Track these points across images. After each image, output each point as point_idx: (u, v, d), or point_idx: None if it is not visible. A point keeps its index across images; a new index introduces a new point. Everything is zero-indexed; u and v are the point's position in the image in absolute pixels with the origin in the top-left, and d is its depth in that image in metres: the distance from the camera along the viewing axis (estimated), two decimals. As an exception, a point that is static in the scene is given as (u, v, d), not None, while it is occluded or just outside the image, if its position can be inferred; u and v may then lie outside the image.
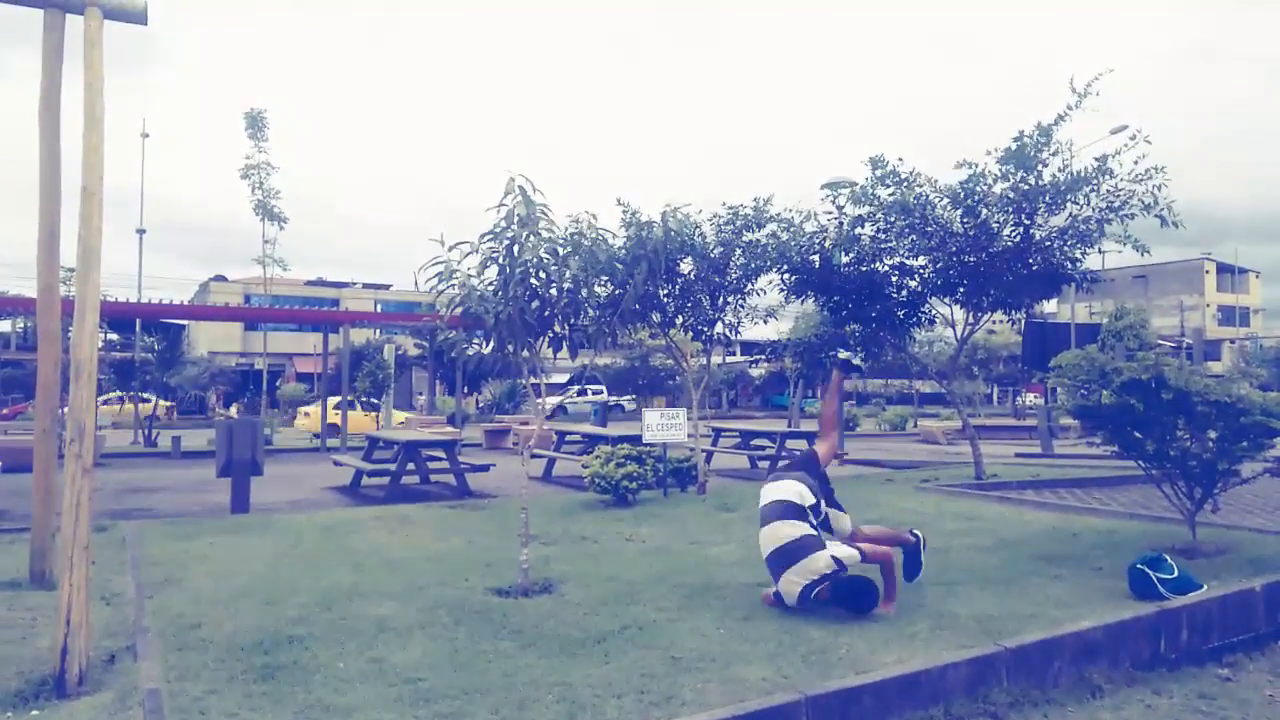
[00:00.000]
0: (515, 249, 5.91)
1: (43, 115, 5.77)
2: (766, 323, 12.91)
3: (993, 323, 14.42)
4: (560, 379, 36.55)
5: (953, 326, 13.54)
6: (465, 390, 35.47)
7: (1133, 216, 10.66)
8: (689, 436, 11.50)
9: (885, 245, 12.02)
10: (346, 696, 3.89)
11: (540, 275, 6.04)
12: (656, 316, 11.75)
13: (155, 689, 3.91)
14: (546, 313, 6.19)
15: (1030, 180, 10.84)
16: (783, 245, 11.60)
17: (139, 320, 28.39)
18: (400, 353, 37.72)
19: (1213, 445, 6.77)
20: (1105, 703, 4.43)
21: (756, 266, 11.55)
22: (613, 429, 17.49)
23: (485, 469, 12.99)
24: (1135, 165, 10.52)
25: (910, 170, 11.44)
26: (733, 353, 50.34)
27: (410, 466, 12.40)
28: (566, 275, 6.08)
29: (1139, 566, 5.59)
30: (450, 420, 25.89)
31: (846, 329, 13.54)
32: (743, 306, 12.06)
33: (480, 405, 43.50)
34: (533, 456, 7.65)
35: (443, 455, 12.80)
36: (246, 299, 48.01)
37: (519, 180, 5.87)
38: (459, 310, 6.15)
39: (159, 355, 25.05)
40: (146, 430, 23.69)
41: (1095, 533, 7.89)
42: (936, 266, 11.99)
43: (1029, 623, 4.94)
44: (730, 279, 11.52)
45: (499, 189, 5.82)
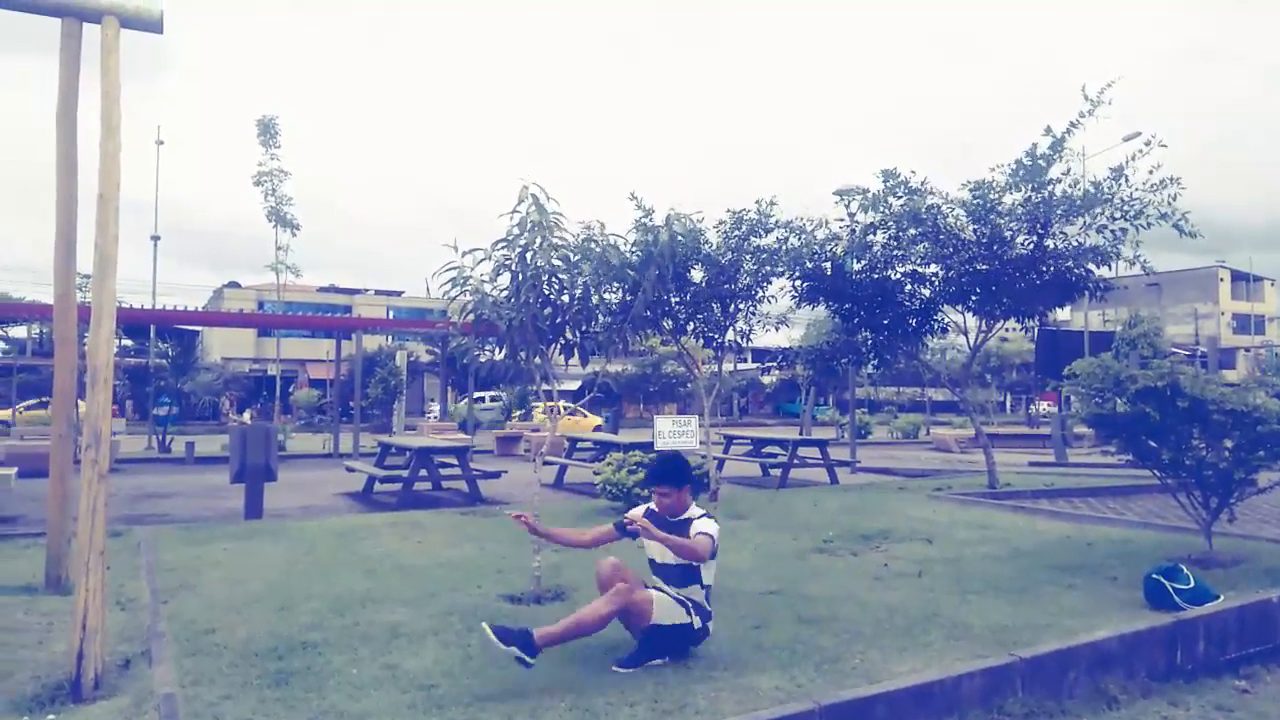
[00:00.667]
0: (528, 255, 5.92)
1: (60, 122, 5.81)
2: (778, 330, 12.89)
3: (1005, 330, 14.37)
4: (571, 386, 36.59)
5: (965, 334, 13.51)
6: (477, 397, 35.52)
7: (1149, 225, 10.64)
8: (700, 444, 11.48)
9: (897, 253, 12.00)
10: (360, 702, 3.89)
11: (552, 282, 6.06)
12: (668, 323, 11.75)
13: (170, 694, 3.92)
14: (558, 319, 6.21)
15: (1044, 193, 10.83)
16: (794, 251, 11.59)
17: (153, 326, 28.57)
18: (412, 359, 37.85)
19: (1229, 454, 6.72)
20: (1121, 714, 4.39)
21: (767, 272, 11.54)
22: (624, 436, 17.49)
23: (497, 475, 13.00)
24: (1150, 174, 10.49)
25: (921, 180, 11.45)
26: (744, 360, 50.36)
27: (422, 473, 12.42)
28: (578, 282, 6.10)
29: (1154, 577, 5.55)
30: (462, 427, 25.94)
31: (858, 336, 13.52)
32: (754, 313, 12.05)
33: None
34: (545, 464, 7.66)
35: (455, 462, 12.82)
36: (260, 305, 48.27)
37: (532, 188, 5.89)
38: (471, 317, 6.17)
39: (173, 361, 25.21)
40: (160, 436, 23.81)
41: (1110, 542, 7.84)
42: (949, 274, 11.97)
43: (1044, 633, 4.91)
44: (741, 285, 11.51)
45: (503, 190, 5.97)
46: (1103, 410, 7.33)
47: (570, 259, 6.10)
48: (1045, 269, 11.38)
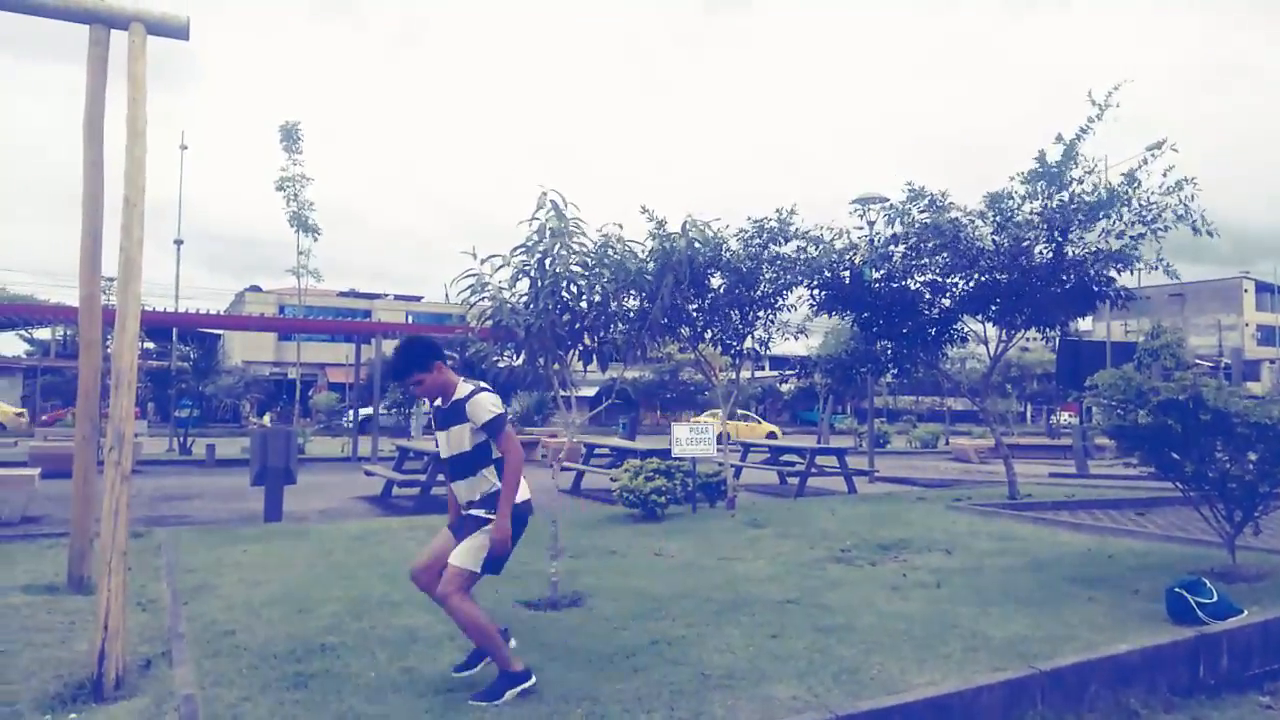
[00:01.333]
0: (547, 262, 5.95)
1: (87, 128, 5.88)
2: (797, 339, 12.87)
3: (1026, 340, 14.27)
4: (589, 392, 36.60)
5: (985, 344, 13.43)
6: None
7: (1166, 229, 10.55)
8: (718, 451, 11.47)
9: (917, 262, 11.96)
10: (378, 705, 3.91)
11: (571, 288, 6.08)
12: (685, 330, 11.76)
13: (190, 694, 3.95)
14: (577, 325, 6.23)
15: (1061, 197, 10.78)
16: (813, 260, 11.58)
17: (176, 329, 28.84)
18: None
19: (1253, 467, 6.64)
20: (1142, 728, 4.35)
21: (786, 281, 11.53)
22: (641, 443, 17.49)
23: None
24: (1164, 177, 10.43)
25: (942, 193, 11.42)
26: (762, 367, 50.21)
27: (440, 477, 12.45)
28: (596, 288, 6.12)
29: (1177, 590, 5.49)
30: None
31: (877, 345, 13.47)
32: (772, 321, 12.04)
33: (509, 417, 43.63)
34: (562, 469, 7.67)
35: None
36: (281, 309, 48.64)
37: (551, 194, 5.91)
38: (490, 323, 6.20)
39: (195, 364, 25.44)
40: (181, 438, 24.02)
41: (1132, 555, 7.76)
42: (969, 284, 11.91)
43: (1064, 645, 4.87)
44: (760, 293, 11.50)
45: (522, 197, 5.90)
46: (1125, 422, 7.26)
47: (588, 265, 6.12)
48: (1066, 278, 11.30)
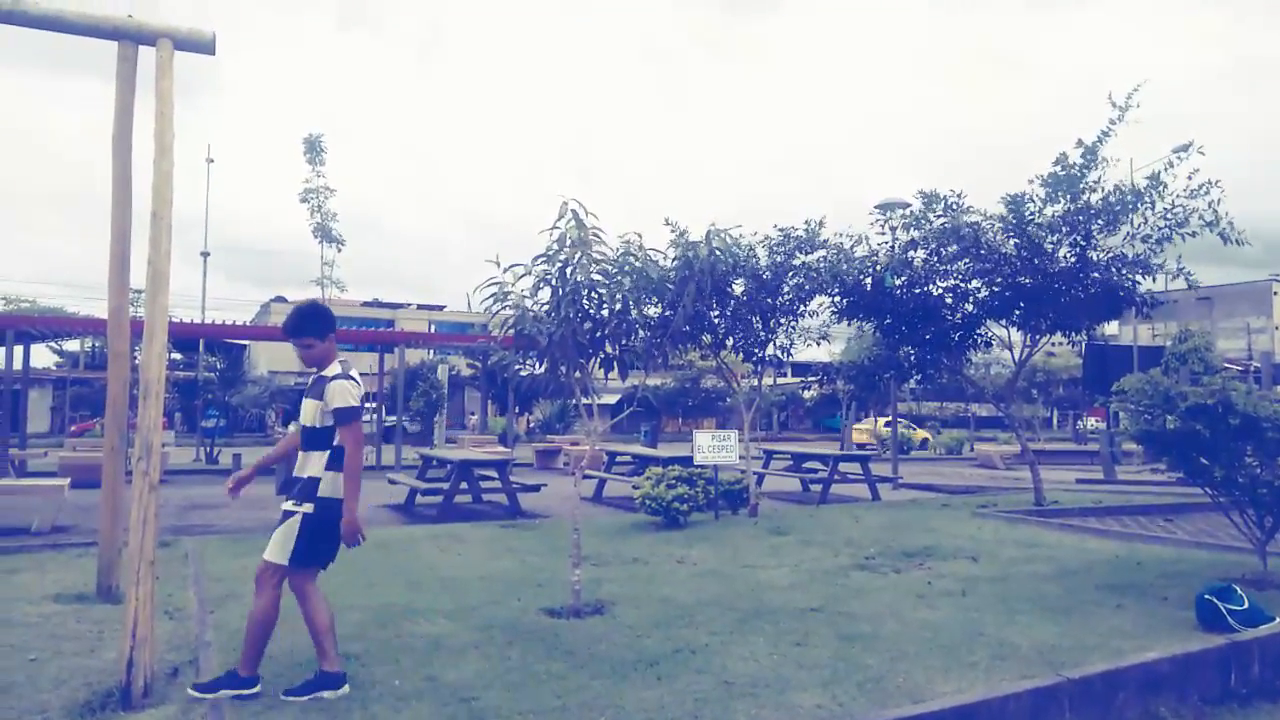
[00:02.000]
0: (568, 270, 5.96)
1: (115, 142, 5.96)
2: (819, 345, 12.83)
3: (1052, 345, 14.15)
4: (610, 400, 36.64)
5: (1010, 349, 13.33)
6: (517, 410, 35.71)
7: (1194, 234, 10.44)
8: (740, 459, 11.44)
9: (939, 268, 11.90)
10: (402, 714, 3.92)
11: (592, 296, 6.09)
12: (707, 338, 11.75)
13: (217, 702, 3.98)
14: (598, 333, 6.23)
15: (1081, 201, 10.70)
16: (835, 267, 11.54)
17: (202, 340, 29.12)
18: (454, 373, 38.14)
19: (1285, 472, 6.55)
20: (1173, 738, 4.30)
21: (809, 289, 11.50)
22: (663, 450, 17.47)
23: (536, 489, 13.05)
24: (1190, 180, 10.32)
25: (959, 195, 11.36)
26: (784, 374, 50.05)
27: (463, 486, 12.51)
28: (618, 296, 6.12)
29: (1207, 597, 5.42)
30: (502, 440, 26.08)
31: (900, 351, 13.39)
32: (794, 328, 12.01)
33: (531, 425, 43.74)
34: (584, 477, 7.67)
35: (495, 475, 12.90)
36: (305, 319, 48.82)
37: (572, 204, 5.93)
38: (512, 331, 6.22)
39: (221, 374, 25.69)
40: (208, 448, 24.24)
41: (1160, 562, 7.67)
42: (992, 289, 11.83)
43: (1092, 653, 4.82)
44: (782, 301, 11.48)
45: (544, 207, 5.92)
46: (1152, 427, 7.19)
47: (610, 273, 6.13)
48: (1089, 282, 11.21)
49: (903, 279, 11.96)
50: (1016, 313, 12.03)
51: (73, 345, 44.33)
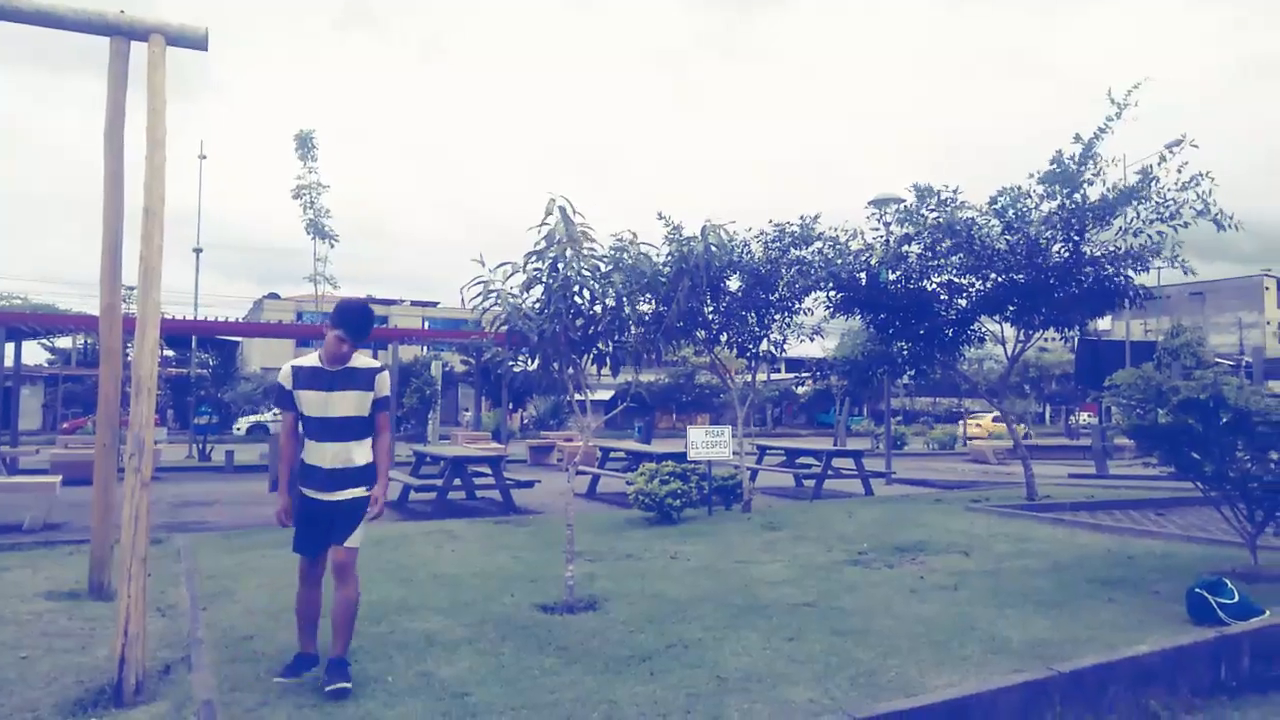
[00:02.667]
0: (559, 267, 5.96)
1: (107, 138, 5.95)
2: (813, 340, 12.84)
3: (1045, 340, 14.18)
4: (604, 396, 36.63)
5: (1003, 344, 13.35)
6: (510, 407, 35.70)
7: (1186, 225, 10.47)
8: (734, 454, 11.45)
9: (933, 263, 11.92)
10: (395, 709, 3.93)
11: (584, 293, 6.09)
12: (701, 334, 11.75)
13: (209, 700, 3.98)
14: (590, 330, 6.23)
15: (1077, 198, 10.72)
16: (829, 262, 11.55)
17: (195, 337, 29.02)
18: (447, 369, 38.10)
19: (1275, 466, 6.59)
20: (1163, 731, 4.32)
21: (804, 284, 11.51)
22: (657, 446, 17.48)
23: (530, 485, 13.04)
24: (1180, 173, 10.36)
25: (953, 191, 11.38)
26: (778, 370, 50.10)
27: (456, 482, 12.50)
28: (610, 292, 6.12)
29: (1198, 591, 5.45)
30: (495, 436, 26.08)
31: (894, 346, 13.41)
32: (789, 324, 12.01)
33: (525, 421, 43.74)
34: (578, 473, 7.68)
35: (488, 471, 12.89)
36: (299, 316, 48.87)
37: (559, 201, 5.93)
38: (503, 328, 6.22)
39: (214, 371, 25.62)
40: (200, 445, 24.18)
41: (1152, 556, 7.71)
42: (985, 285, 11.86)
43: (1083, 647, 4.84)
44: (777, 296, 11.48)
45: (539, 203, 5.88)
46: (1144, 421, 7.22)
47: (601, 270, 6.13)
48: (1083, 277, 11.24)
49: (897, 273, 11.98)
50: (1010, 308, 12.05)
51: (64, 342, 44.16)
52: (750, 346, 11.93)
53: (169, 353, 37.74)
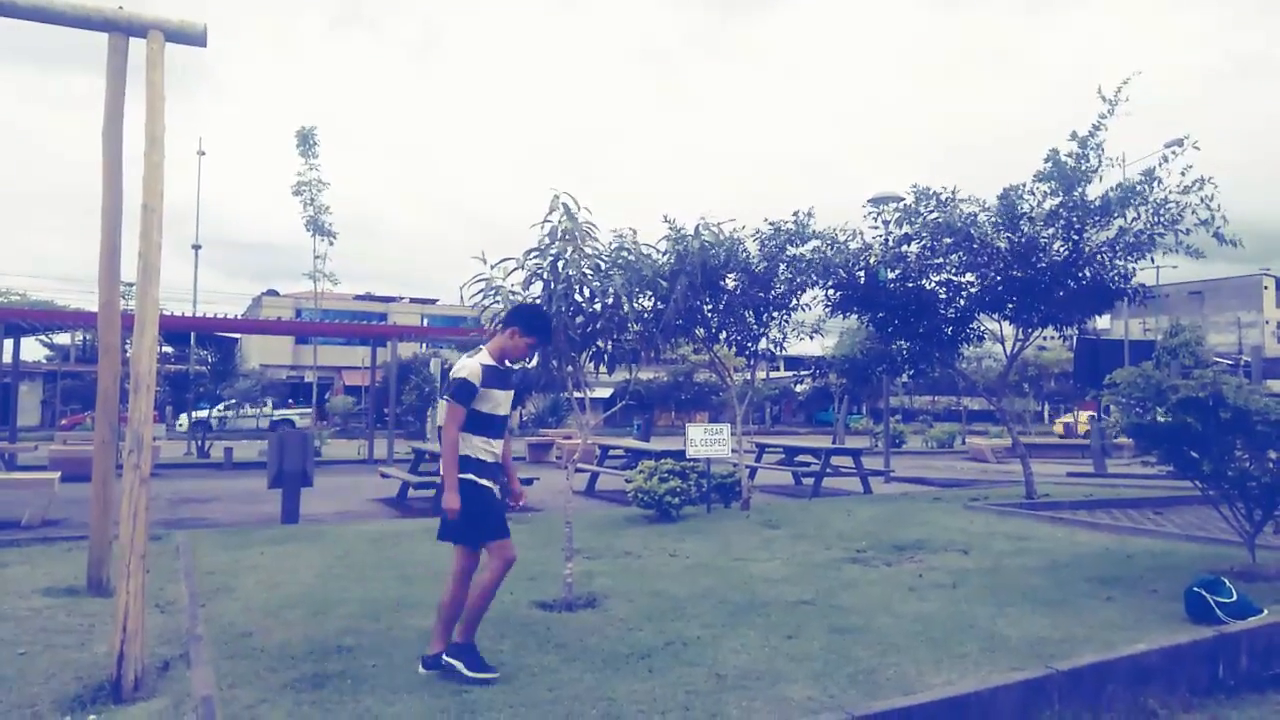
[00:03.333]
0: (559, 264, 5.96)
1: (106, 135, 5.93)
2: (812, 339, 12.85)
3: (1044, 339, 14.18)
4: (603, 394, 36.62)
5: (1002, 343, 13.36)
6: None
7: (1188, 231, 10.46)
8: (733, 452, 11.45)
9: (932, 262, 11.92)
10: (394, 707, 3.93)
11: (584, 291, 6.08)
12: (700, 332, 11.75)
13: (208, 696, 3.98)
14: (590, 328, 6.23)
15: (1076, 195, 10.72)
16: (828, 260, 11.55)
17: (194, 333, 29.03)
18: (446, 366, 38.08)
19: (1273, 465, 6.59)
20: (1161, 729, 4.32)
21: (801, 282, 11.50)
22: (656, 444, 17.48)
23: (529, 483, 13.00)
24: (1183, 176, 10.34)
25: (952, 192, 11.38)
26: (777, 368, 50.15)
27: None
28: (609, 290, 6.11)
29: (1196, 589, 5.46)
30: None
31: (893, 345, 13.41)
32: (787, 322, 12.01)
33: (524, 419, 43.73)
34: (577, 471, 7.68)
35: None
36: (298, 313, 48.83)
37: (563, 197, 5.92)
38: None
39: (213, 368, 25.63)
40: (199, 441, 24.18)
41: (1150, 554, 7.71)
42: (984, 283, 11.86)
43: (1082, 645, 4.85)
44: (775, 294, 11.48)
45: (538, 202, 5.88)
46: (1143, 420, 7.22)
47: (601, 267, 6.12)
48: (1082, 276, 11.23)
49: (896, 272, 11.98)
50: (1009, 306, 12.05)
51: (63, 339, 44.17)
52: (749, 344, 11.93)
53: (168, 349, 37.73)
